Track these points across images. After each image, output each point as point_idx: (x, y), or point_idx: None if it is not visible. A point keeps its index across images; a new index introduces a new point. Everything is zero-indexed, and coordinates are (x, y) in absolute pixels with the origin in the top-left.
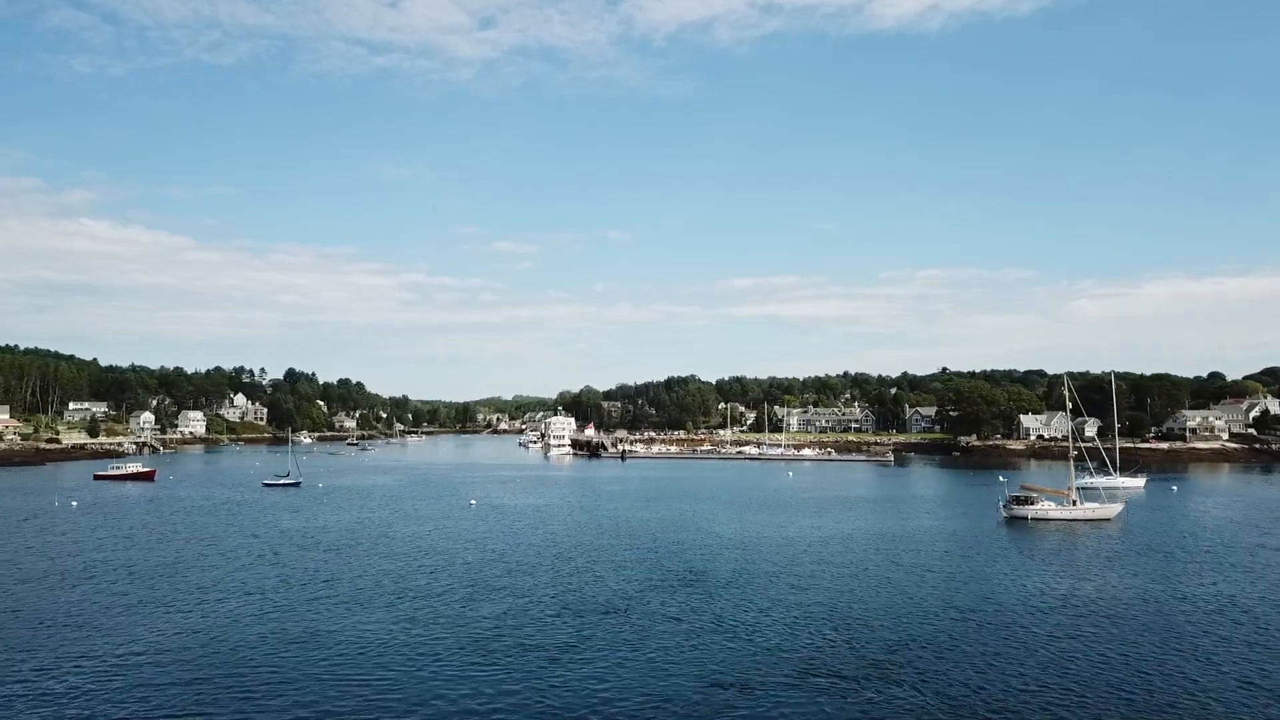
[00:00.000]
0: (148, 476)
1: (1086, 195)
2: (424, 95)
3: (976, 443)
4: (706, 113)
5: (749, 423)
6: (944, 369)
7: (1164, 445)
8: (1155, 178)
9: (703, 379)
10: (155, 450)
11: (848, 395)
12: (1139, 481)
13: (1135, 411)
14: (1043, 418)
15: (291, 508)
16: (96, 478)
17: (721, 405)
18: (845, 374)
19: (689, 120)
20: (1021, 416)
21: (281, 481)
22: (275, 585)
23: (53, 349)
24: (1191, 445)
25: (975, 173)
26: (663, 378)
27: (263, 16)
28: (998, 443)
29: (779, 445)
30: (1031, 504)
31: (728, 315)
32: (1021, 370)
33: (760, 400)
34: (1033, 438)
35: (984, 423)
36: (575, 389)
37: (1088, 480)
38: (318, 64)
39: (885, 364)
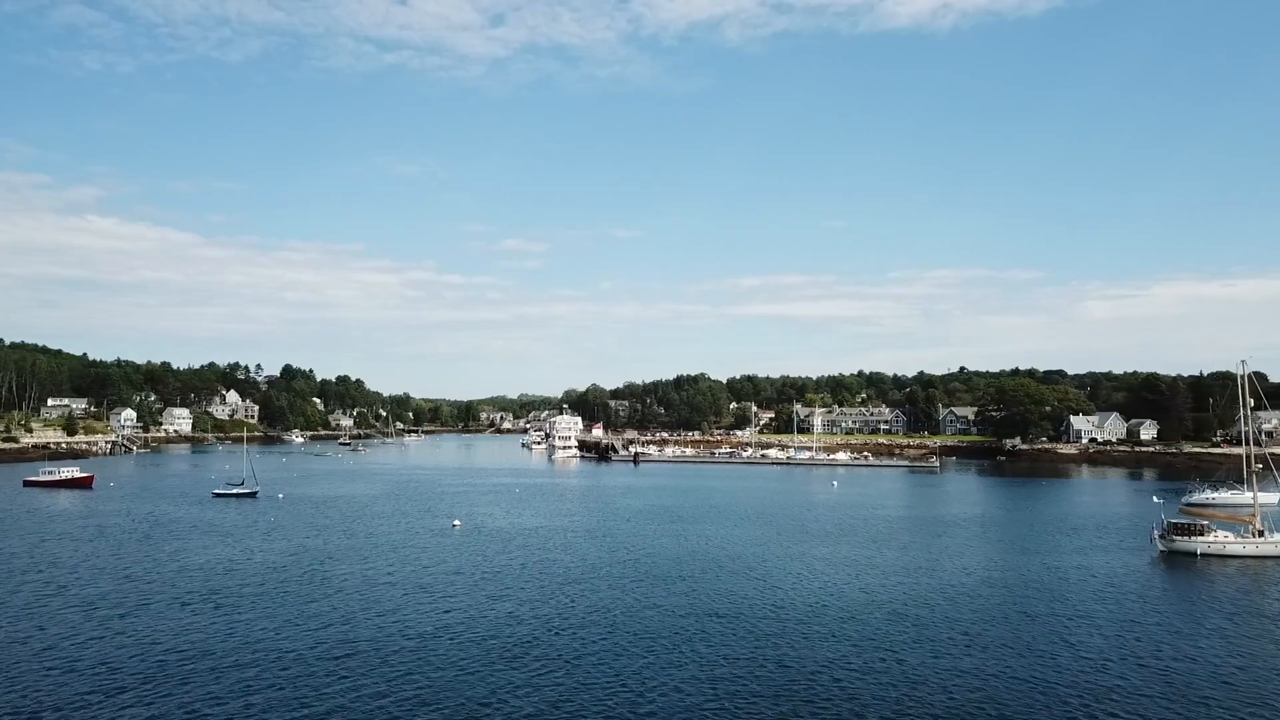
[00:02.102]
0: (84, 483)
1: (1096, 196)
2: (433, 92)
3: (1023, 446)
4: (715, 111)
5: (762, 423)
6: (962, 368)
7: (1239, 450)
8: (1165, 179)
9: (712, 378)
10: (129, 450)
11: (864, 395)
12: (1273, 498)
13: (1198, 413)
14: (1094, 419)
15: (220, 530)
16: (26, 484)
17: (734, 405)
18: (860, 373)
19: (698, 118)
20: (1072, 418)
21: (234, 491)
22: (76, 685)
23: (59, 346)
24: (1270, 450)
25: (984, 172)
26: (669, 376)
27: (272, 13)
28: (1047, 446)
29: (809, 448)
30: (1202, 534)
31: (735, 314)
32: (1041, 370)
33: (774, 399)
34: (1084, 441)
35: (1032, 424)
36: (581, 387)
37: (1208, 495)
38: (326, 61)
39: (893, 364)
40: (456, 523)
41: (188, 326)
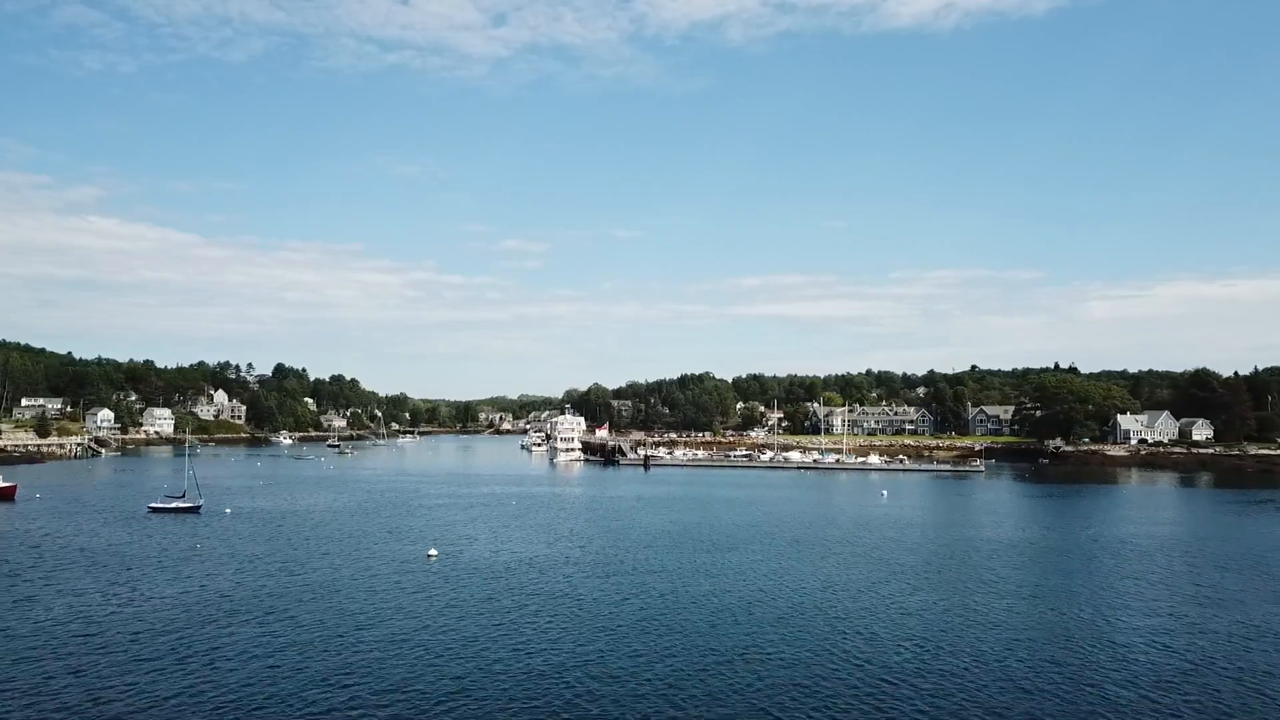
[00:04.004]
0: (4, 495)
1: (1096, 196)
2: (434, 92)
3: (1068, 448)
4: (717, 111)
5: (770, 423)
6: (974, 366)
7: None
8: (1165, 179)
9: (716, 377)
10: (96, 453)
11: (875, 394)
12: None
13: (1258, 412)
14: (1142, 418)
15: (119, 562)
16: None
17: (740, 405)
18: (869, 371)
19: (698, 118)
20: (1119, 417)
21: (173, 505)
22: None
23: (61, 346)
24: None
25: (984, 172)
26: (670, 376)
27: (274, 13)
28: (1093, 448)
29: (837, 450)
30: None
31: (736, 314)
32: (1054, 368)
33: (782, 399)
34: (1134, 442)
35: (1076, 424)
36: (582, 387)
37: None
38: (328, 61)
39: (894, 364)
40: (431, 552)
41: (188, 327)
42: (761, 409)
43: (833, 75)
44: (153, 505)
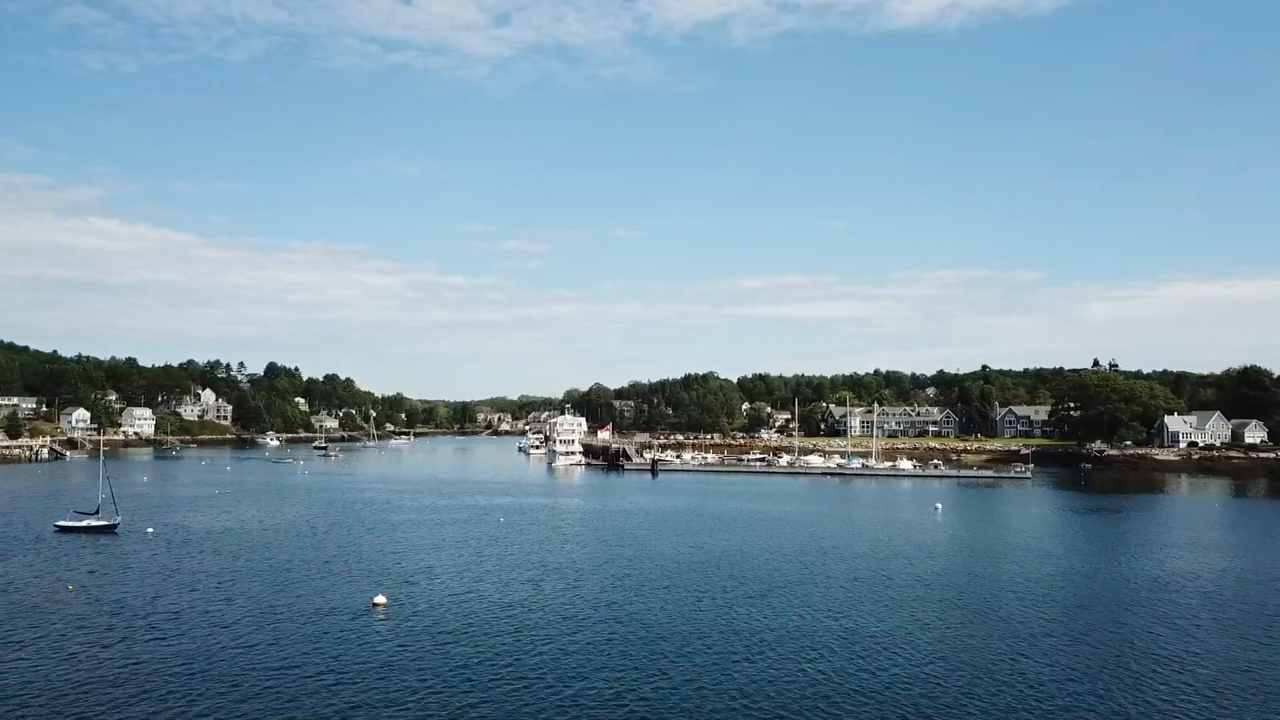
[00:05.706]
0: None
1: (1098, 196)
2: (436, 92)
3: (1112, 451)
4: (720, 111)
5: (778, 424)
6: (984, 366)
7: None
8: (1166, 179)
9: (720, 376)
10: (59, 455)
11: (884, 394)
12: None
13: None
14: (1191, 419)
15: None
16: None
17: (746, 405)
18: (877, 371)
19: (700, 118)
20: (1166, 418)
21: (84, 523)
22: None
23: (58, 347)
24: None
25: (986, 172)
26: (672, 376)
27: (275, 13)
28: (1140, 452)
29: (863, 454)
30: None
31: (737, 315)
32: (1067, 369)
33: (789, 400)
34: (1183, 445)
35: (1121, 425)
36: (583, 387)
37: None
38: (330, 61)
39: (897, 364)
40: (379, 600)
41: (189, 328)
42: (768, 410)
43: (835, 75)
44: (60, 524)
